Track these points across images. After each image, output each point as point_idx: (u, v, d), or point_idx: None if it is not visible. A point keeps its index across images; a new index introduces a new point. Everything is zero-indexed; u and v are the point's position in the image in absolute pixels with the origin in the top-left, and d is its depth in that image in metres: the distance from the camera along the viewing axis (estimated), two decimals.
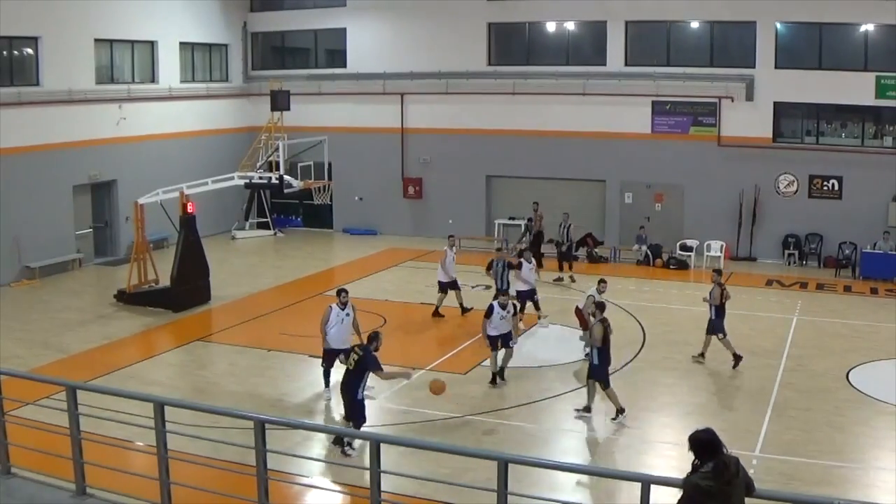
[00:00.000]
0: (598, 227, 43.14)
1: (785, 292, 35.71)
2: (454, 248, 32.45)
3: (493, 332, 24.08)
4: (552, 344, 28.17)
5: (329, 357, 23.25)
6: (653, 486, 10.90)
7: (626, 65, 42.75)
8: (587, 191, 43.91)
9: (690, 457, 10.48)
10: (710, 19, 41.69)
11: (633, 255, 41.13)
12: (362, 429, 18.80)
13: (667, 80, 41.81)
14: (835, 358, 26.79)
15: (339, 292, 23.68)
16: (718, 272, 27.59)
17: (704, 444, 10.46)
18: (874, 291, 35.94)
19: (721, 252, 40.23)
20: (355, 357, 19.25)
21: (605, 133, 42.79)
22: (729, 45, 42.14)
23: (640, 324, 29.91)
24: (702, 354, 26.56)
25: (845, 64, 39.75)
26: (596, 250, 41.44)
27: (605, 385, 22.04)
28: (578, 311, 27.56)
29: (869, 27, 39.33)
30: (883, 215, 38.91)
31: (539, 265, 34.77)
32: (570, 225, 38.29)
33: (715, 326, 26.28)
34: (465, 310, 31.05)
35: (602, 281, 26.17)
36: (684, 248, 40.97)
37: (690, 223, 42.01)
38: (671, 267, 39.73)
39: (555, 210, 40.82)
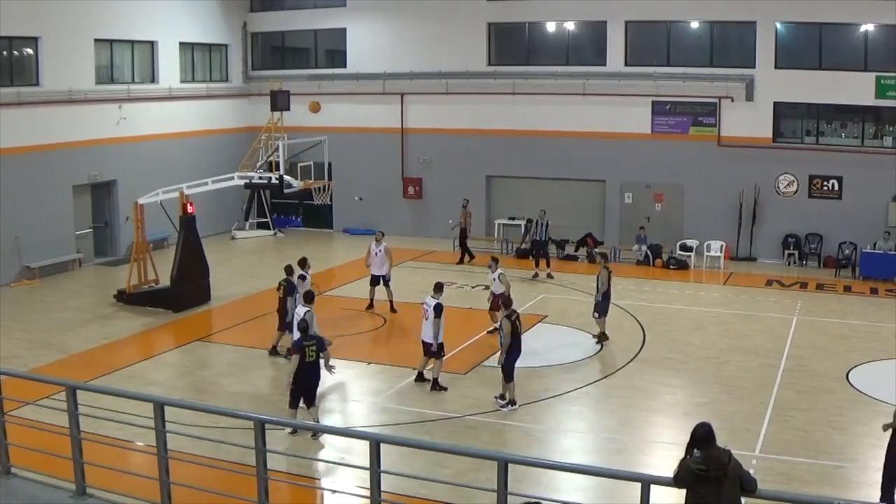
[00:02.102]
0: (597, 227, 43.21)
1: (785, 292, 35.71)
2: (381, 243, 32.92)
3: None
4: (553, 344, 28.10)
5: None
6: (653, 486, 10.92)
7: (626, 65, 42.77)
8: (587, 191, 43.93)
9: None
10: (710, 19, 41.70)
11: (633, 255, 41.14)
12: (364, 429, 18.79)
13: (667, 80, 41.82)
14: (835, 358, 26.79)
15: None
16: (605, 256, 29.86)
17: (698, 438, 11.11)
18: (874, 291, 35.95)
19: (721, 252, 40.25)
20: (312, 347, 20.24)
21: (604, 133, 42.80)
22: (729, 45, 42.15)
23: (639, 324, 29.88)
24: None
25: (845, 64, 39.77)
26: (596, 250, 41.42)
27: (508, 379, 22.51)
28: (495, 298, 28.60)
29: (869, 27, 39.35)
30: (883, 215, 38.93)
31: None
32: (546, 222, 38.13)
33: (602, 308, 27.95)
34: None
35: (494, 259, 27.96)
36: (684, 248, 40.99)
37: (690, 223, 42.02)
38: (671, 267, 39.72)
39: (555, 210, 40.88)
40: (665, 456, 18.55)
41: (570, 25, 44.18)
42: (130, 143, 41.12)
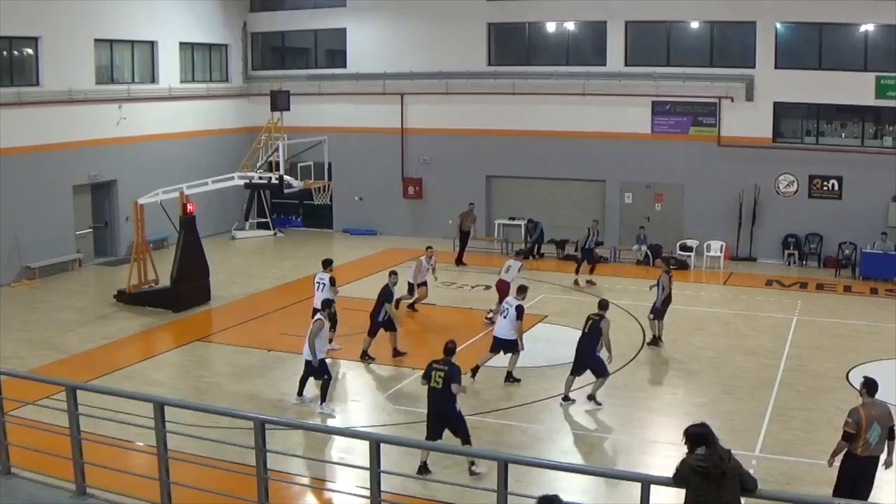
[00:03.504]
0: (598, 228, 43.14)
1: (785, 292, 35.71)
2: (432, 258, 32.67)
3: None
4: (554, 344, 28.09)
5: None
6: (653, 487, 10.93)
7: (626, 65, 42.77)
8: (587, 191, 43.93)
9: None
10: (710, 19, 41.71)
11: (633, 255, 41.16)
12: (364, 429, 18.76)
13: (667, 81, 41.84)
14: (835, 358, 26.80)
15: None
16: (667, 261, 29.52)
17: (698, 437, 11.11)
18: (874, 291, 35.96)
19: (721, 252, 40.28)
20: (440, 374, 18.42)
21: (604, 133, 42.79)
22: (729, 46, 42.16)
23: (640, 324, 29.86)
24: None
25: (845, 64, 39.79)
26: (596, 250, 41.41)
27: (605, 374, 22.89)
28: (501, 284, 29.90)
29: (869, 27, 39.37)
30: (883, 215, 38.95)
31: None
32: (596, 231, 37.95)
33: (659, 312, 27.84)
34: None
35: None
36: (684, 248, 41.00)
37: (690, 223, 42.04)
38: (672, 267, 39.62)
39: (554, 210, 40.97)
40: (665, 456, 18.55)
41: (570, 25, 44.21)
42: (130, 143, 41.12)
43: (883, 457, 15.91)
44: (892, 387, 23.54)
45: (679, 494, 11.04)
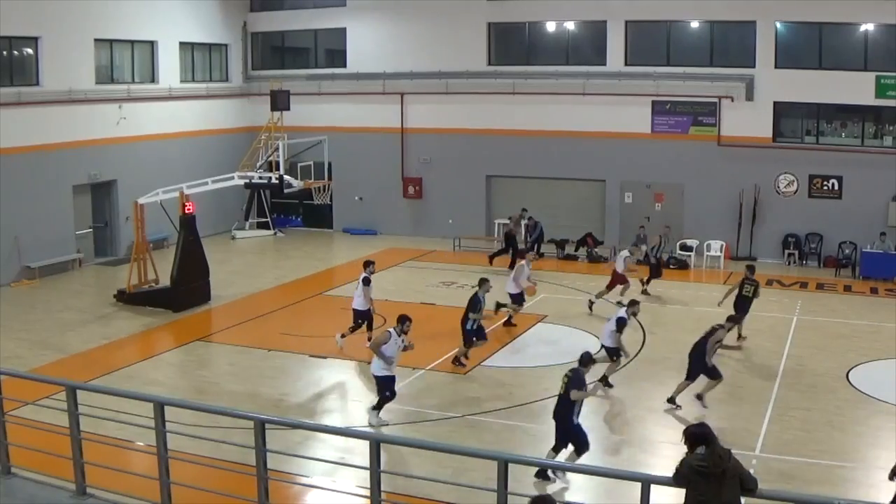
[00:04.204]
0: (597, 227, 43.16)
1: (785, 292, 35.70)
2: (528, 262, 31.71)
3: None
4: (554, 343, 28.07)
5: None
6: (653, 486, 10.94)
7: (626, 64, 42.77)
8: (587, 190, 43.92)
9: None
10: (710, 19, 41.71)
11: (634, 255, 41.07)
12: (364, 429, 18.76)
13: (667, 80, 41.84)
14: (835, 358, 26.79)
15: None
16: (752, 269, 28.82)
17: (698, 437, 11.18)
18: (874, 291, 35.96)
19: (721, 252, 40.28)
20: (565, 380, 18.44)
21: (604, 133, 42.78)
22: (729, 45, 42.16)
23: (640, 323, 29.83)
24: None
25: (845, 63, 39.79)
26: (596, 250, 41.42)
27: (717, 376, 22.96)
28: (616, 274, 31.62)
29: (869, 27, 39.39)
30: (883, 215, 38.97)
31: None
32: (665, 240, 37.90)
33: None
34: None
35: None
36: (684, 247, 40.99)
37: (690, 223, 42.04)
38: (671, 266, 39.63)
39: (554, 210, 41.05)
40: (665, 455, 18.58)
41: (570, 25, 44.19)
42: (130, 143, 41.12)
43: None
44: (893, 386, 23.70)
45: (679, 494, 11.04)
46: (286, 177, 36.40)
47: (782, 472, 18.60)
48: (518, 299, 30.34)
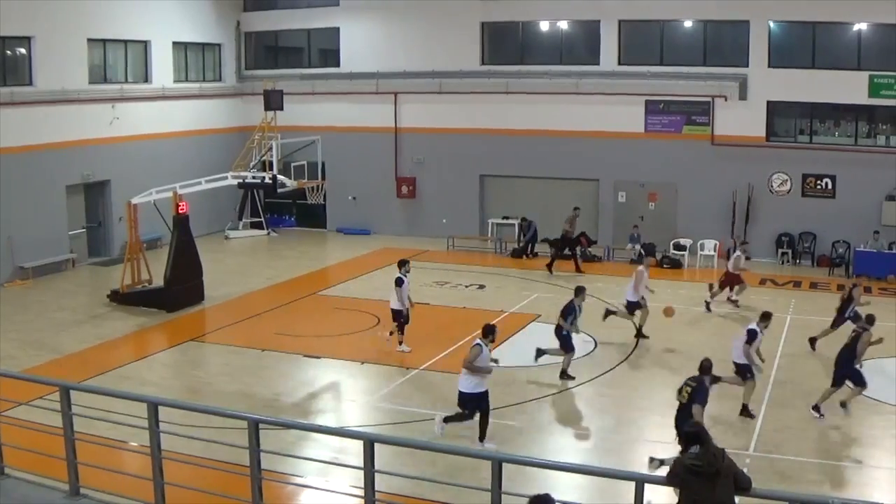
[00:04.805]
0: (591, 227, 43.09)
1: (778, 291, 35.75)
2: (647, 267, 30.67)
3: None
4: (546, 343, 28.00)
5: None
6: (647, 486, 10.94)
7: (620, 64, 42.81)
8: (581, 190, 43.85)
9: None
10: (704, 18, 41.75)
11: (627, 254, 41.10)
12: (358, 429, 18.72)
13: (660, 80, 41.89)
14: (828, 357, 26.77)
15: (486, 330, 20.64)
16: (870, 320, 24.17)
17: (692, 436, 11.30)
18: (867, 290, 35.90)
19: (714, 251, 40.32)
20: (688, 389, 18.21)
21: (598, 132, 42.78)
22: (722, 45, 42.22)
23: (633, 322, 29.83)
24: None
25: (839, 63, 39.88)
26: (589, 249, 41.41)
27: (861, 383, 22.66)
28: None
29: (862, 26, 39.47)
30: (876, 214, 39.05)
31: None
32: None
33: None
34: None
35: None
36: (678, 246, 41.01)
37: (684, 222, 42.07)
38: (665, 266, 39.67)
39: (548, 209, 41.12)
40: (660, 455, 18.56)
41: (563, 25, 44.18)
42: (123, 143, 41.08)
43: None
44: (885, 385, 23.75)
45: (673, 495, 11.05)
46: (279, 177, 36.35)
47: (777, 471, 18.61)
48: (633, 307, 29.22)
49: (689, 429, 11.54)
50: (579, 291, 25.75)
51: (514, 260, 41.38)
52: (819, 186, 40.73)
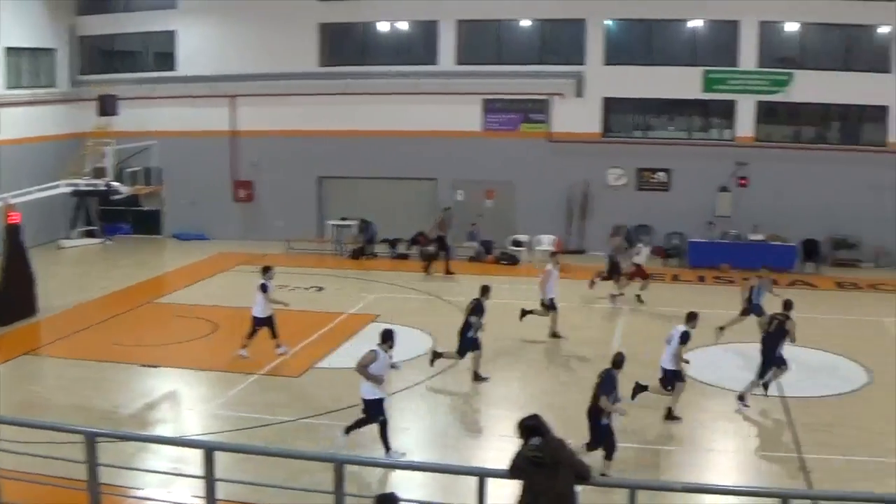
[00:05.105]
0: (429, 226, 43.12)
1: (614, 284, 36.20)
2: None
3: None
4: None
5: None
6: (489, 480, 11.00)
7: (458, 63, 43.04)
8: (419, 189, 44.00)
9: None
10: (540, 17, 42.27)
11: (466, 252, 41.28)
12: (197, 438, 18.45)
13: (498, 79, 42.25)
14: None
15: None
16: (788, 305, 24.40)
17: (531, 429, 11.42)
18: (701, 279, 36.84)
19: (552, 246, 40.76)
20: (598, 381, 18.42)
21: (436, 132, 42.93)
22: (559, 43, 42.80)
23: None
24: None
25: (673, 59, 40.98)
26: (428, 248, 41.44)
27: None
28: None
29: (697, 23, 40.56)
30: (710, 205, 40.07)
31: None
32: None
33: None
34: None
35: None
36: (516, 243, 41.40)
37: (522, 218, 42.56)
38: (503, 262, 40.02)
39: (387, 210, 41.22)
40: (500, 449, 18.53)
41: (402, 25, 44.24)
42: None
43: None
44: (720, 371, 24.34)
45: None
46: (114, 183, 35.74)
47: (619, 459, 18.77)
48: (553, 305, 29.22)
49: (528, 422, 11.61)
50: (485, 290, 25.65)
51: (353, 261, 41.33)
52: (654, 180, 41.61)
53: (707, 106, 42.01)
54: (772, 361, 23.05)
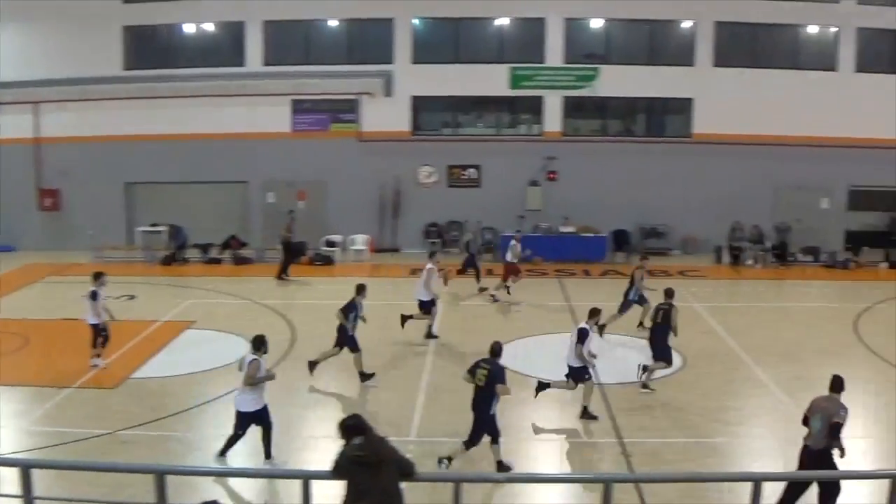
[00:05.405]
0: (242, 229, 42.85)
1: None
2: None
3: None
4: (203, 349, 27.55)
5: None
6: (313, 482, 10.98)
7: (265, 65, 42.72)
8: (230, 193, 43.56)
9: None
10: (348, 17, 42.26)
11: (279, 254, 40.95)
12: (13, 456, 17.93)
13: (306, 79, 42.09)
14: (480, 338, 27.27)
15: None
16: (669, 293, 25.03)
17: (353, 428, 11.50)
18: (516, 273, 37.22)
19: (365, 245, 40.97)
20: (484, 372, 18.25)
21: (246, 134, 42.55)
22: (367, 43, 42.89)
23: (288, 322, 29.78)
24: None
25: (481, 57, 41.46)
26: (241, 252, 41.10)
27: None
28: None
29: (504, 21, 41.16)
30: (521, 200, 40.81)
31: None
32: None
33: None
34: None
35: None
36: (329, 243, 41.37)
37: (335, 219, 42.63)
38: (316, 263, 39.93)
39: (198, 214, 40.79)
40: (322, 450, 18.50)
41: (208, 27, 43.67)
42: None
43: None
44: (534, 361, 24.70)
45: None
46: None
47: (439, 453, 18.86)
48: (429, 306, 28.97)
49: (349, 421, 11.65)
50: (361, 289, 25.36)
51: (165, 267, 40.65)
52: (465, 176, 42.02)
53: (515, 102, 42.71)
54: (662, 352, 23.73)
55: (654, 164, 42.12)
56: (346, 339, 24.41)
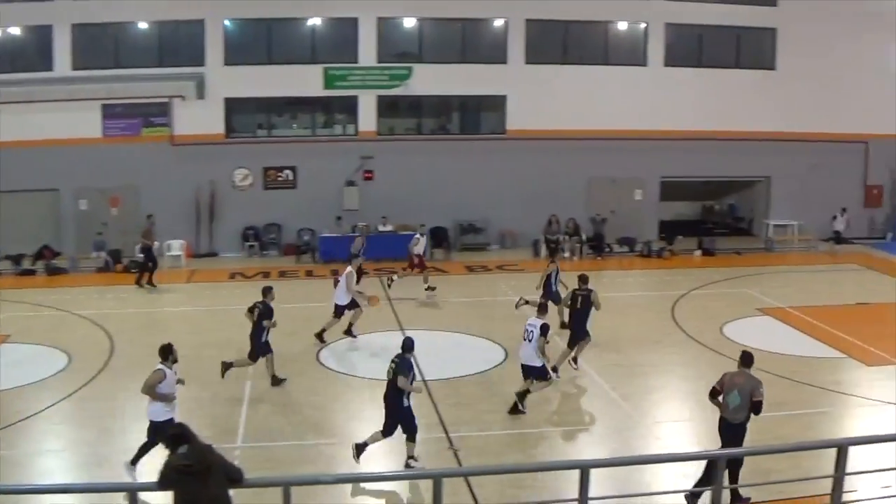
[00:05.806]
0: (54, 238, 41.64)
1: (249, 283, 36.08)
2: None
3: None
4: (22, 363, 26.59)
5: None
6: (140, 494, 10.83)
7: (74, 69, 41.57)
8: (40, 201, 42.21)
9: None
10: (158, 19, 41.52)
11: (94, 263, 40.16)
12: None
13: (116, 83, 41.16)
14: (304, 341, 27.41)
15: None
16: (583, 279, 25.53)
17: (177, 437, 11.33)
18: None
19: (182, 251, 40.44)
20: (392, 366, 18.50)
21: (55, 140, 41.26)
22: (178, 45, 42.22)
23: (106, 332, 29.09)
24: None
25: (295, 57, 41.34)
26: (54, 261, 40.05)
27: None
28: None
29: (317, 21, 41.10)
30: (338, 200, 40.85)
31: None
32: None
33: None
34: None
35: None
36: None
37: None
38: (133, 271, 38.97)
39: (7, 225, 39.71)
40: (149, 462, 18.09)
41: (14, 30, 42.16)
42: None
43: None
44: (356, 361, 24.77)
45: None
46: None
47: (268, 458, 18.76)
48: (342, 311, 28.33)
49: (173, 430, 11.57)
50: (267, 291, 24.61)
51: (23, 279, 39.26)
52: (280, 178, 41.91)
53: (330, 102, 42.73)
54: (580, 335, 24.67)
55: (469, 161, 42.61)
56: (258, 344, 24.02)
